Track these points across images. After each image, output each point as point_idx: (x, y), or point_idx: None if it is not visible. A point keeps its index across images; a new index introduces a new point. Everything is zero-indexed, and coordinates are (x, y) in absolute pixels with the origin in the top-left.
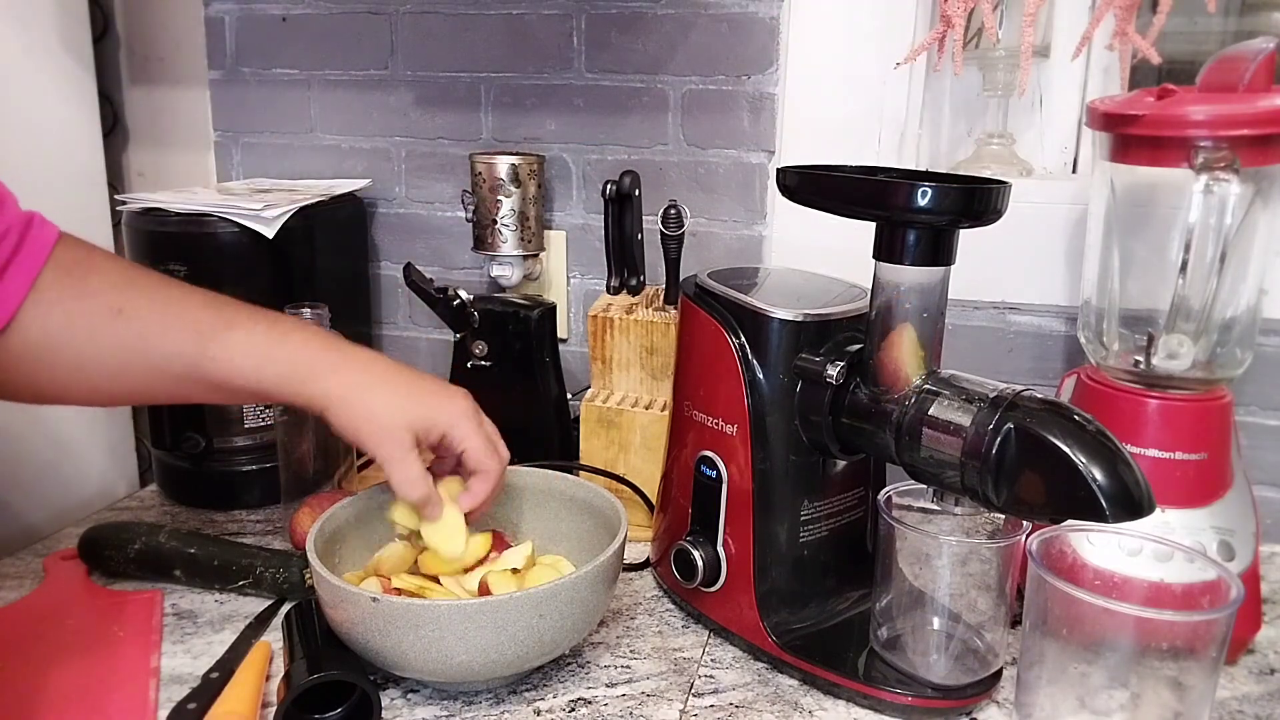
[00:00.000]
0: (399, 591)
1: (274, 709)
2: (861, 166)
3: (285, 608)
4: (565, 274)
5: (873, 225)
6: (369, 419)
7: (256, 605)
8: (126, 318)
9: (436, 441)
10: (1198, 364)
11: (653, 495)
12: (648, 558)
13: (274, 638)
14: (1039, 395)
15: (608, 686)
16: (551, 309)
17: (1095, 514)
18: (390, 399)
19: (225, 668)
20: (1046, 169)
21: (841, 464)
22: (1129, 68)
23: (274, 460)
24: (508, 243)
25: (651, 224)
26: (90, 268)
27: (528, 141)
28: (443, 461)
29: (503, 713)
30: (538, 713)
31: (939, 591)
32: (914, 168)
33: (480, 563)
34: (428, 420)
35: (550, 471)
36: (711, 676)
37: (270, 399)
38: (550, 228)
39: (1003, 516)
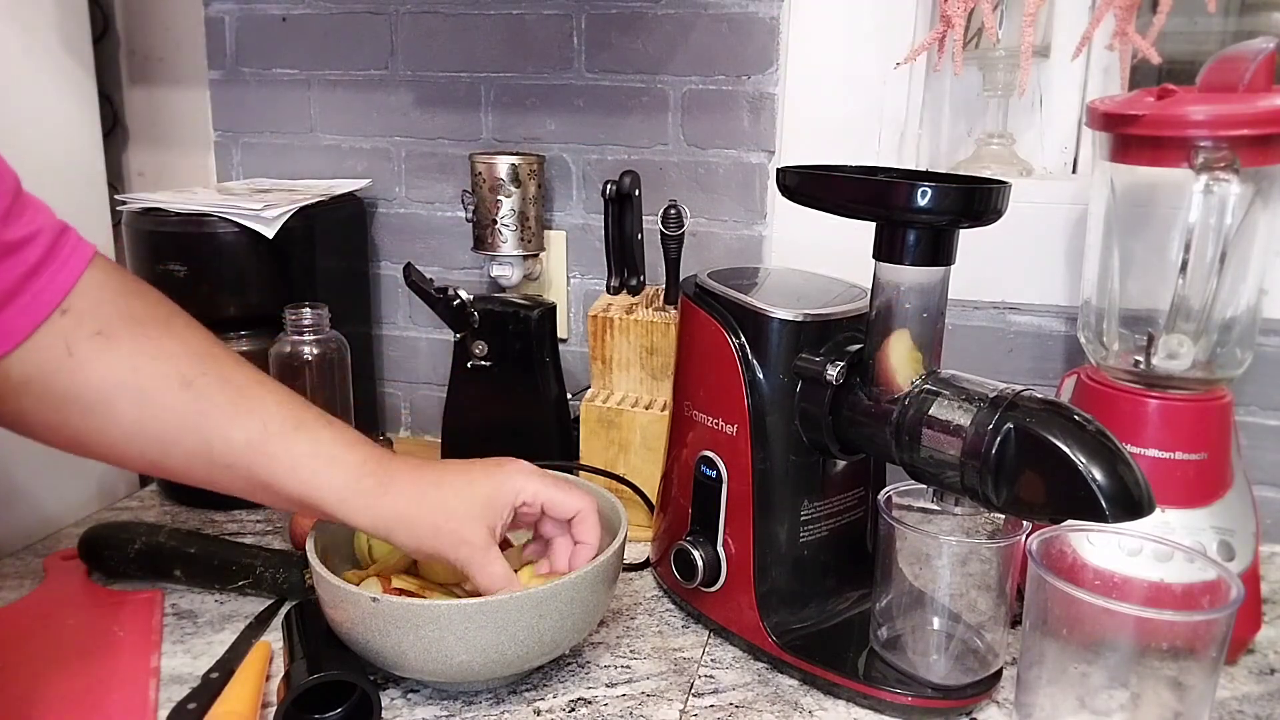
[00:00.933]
0: (399, 591)
1: (274, 709)
2: (861, 166)
3: (285, 608)
4: (565, 274)
5: (873, 225)
6: (440, 526)
7: (256, 605)
8: (195, 392)
9: (513, 514)
10: (1198, 364)
11: (653, 495)
12: (648, 558)
13: (274, 638)
14: (1039, 395)
15: (608, 686)
16: (551, 309)
17: (1095, 514)
18: (455, 500)
19: (225, 668)
20: (1046, 169)
21: (841, 464)
22: (1129, 68)
23: None
24: (508, 243)
25: (651, 224)
26: (168, 330)
27: (528, 141)
28: (534, 532)
29: (503, 713)
30: (538, 713)
31: (939, 591)
32: (914, 168)
33: None
34: (497, 499)
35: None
36: (711, 676)
37: (313, 512)
38: (550, 228)
39: (1003, 516)
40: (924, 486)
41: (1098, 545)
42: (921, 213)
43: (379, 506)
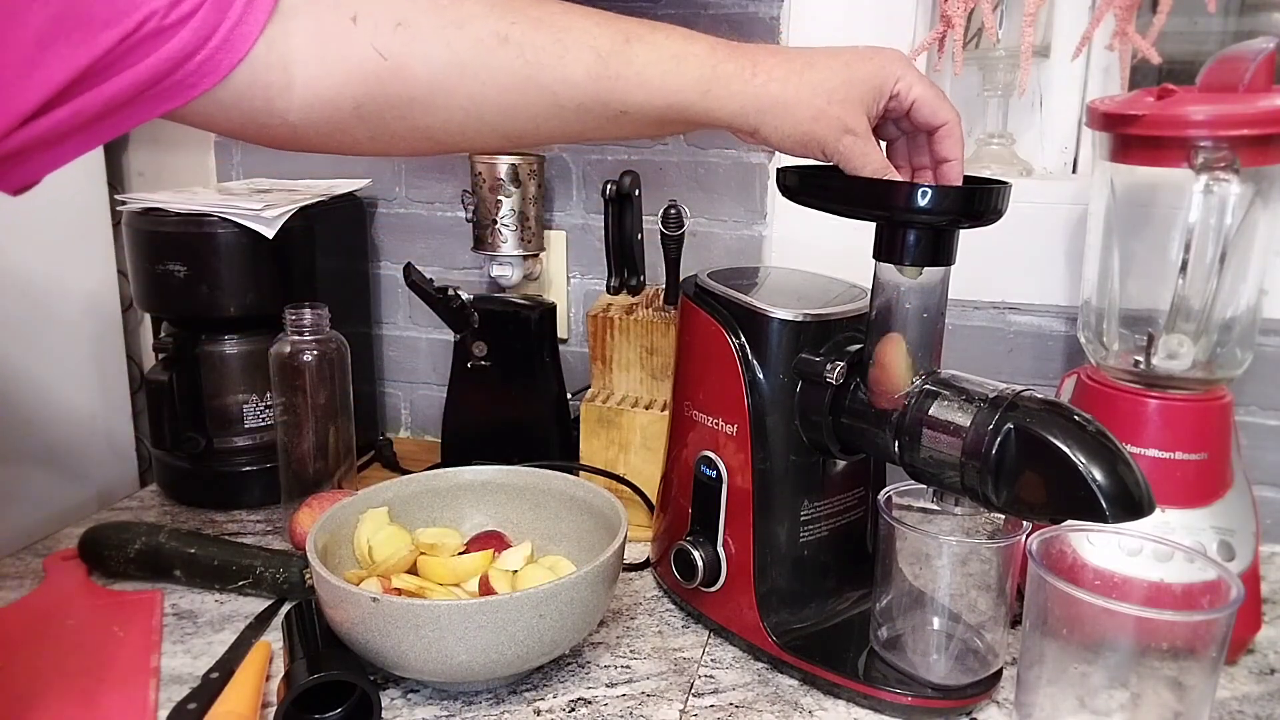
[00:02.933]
0: (399, 591)
1: (274, 709)
2: None
3: (285, 608)
4: (565, 274)
5: (873, 225)
6: (822, 110)
7: (256, 605)
8: (516, 45)
9: (884, 108)
10: (1198, 364)
11: (653, 495)
12: (648, 558)
13: (274, 638)
14: (1039, 395)
15: (608, 686)
16: (551, 309)
17: (1095, 514)
18: (835, 77)
19: (225, 668)
20: (1046, 169)
21: (841, 464)
22: (1129, 68)
23: (274, 460)
24: (508, 243)
25: (651, 224)
26: (462, 3)
27: None
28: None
29: (503, 713)
30: (538, 713)
31: (939, 591)
32: None
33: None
34: (878, 80)
35: (550, 471)
36: (711, 676)
37: (680, 120)
38: (550, 228)
39: (1003, 516)
40: (924, 487)
41: (1098, 545)
42: (922, 213)
43: (749, 90)
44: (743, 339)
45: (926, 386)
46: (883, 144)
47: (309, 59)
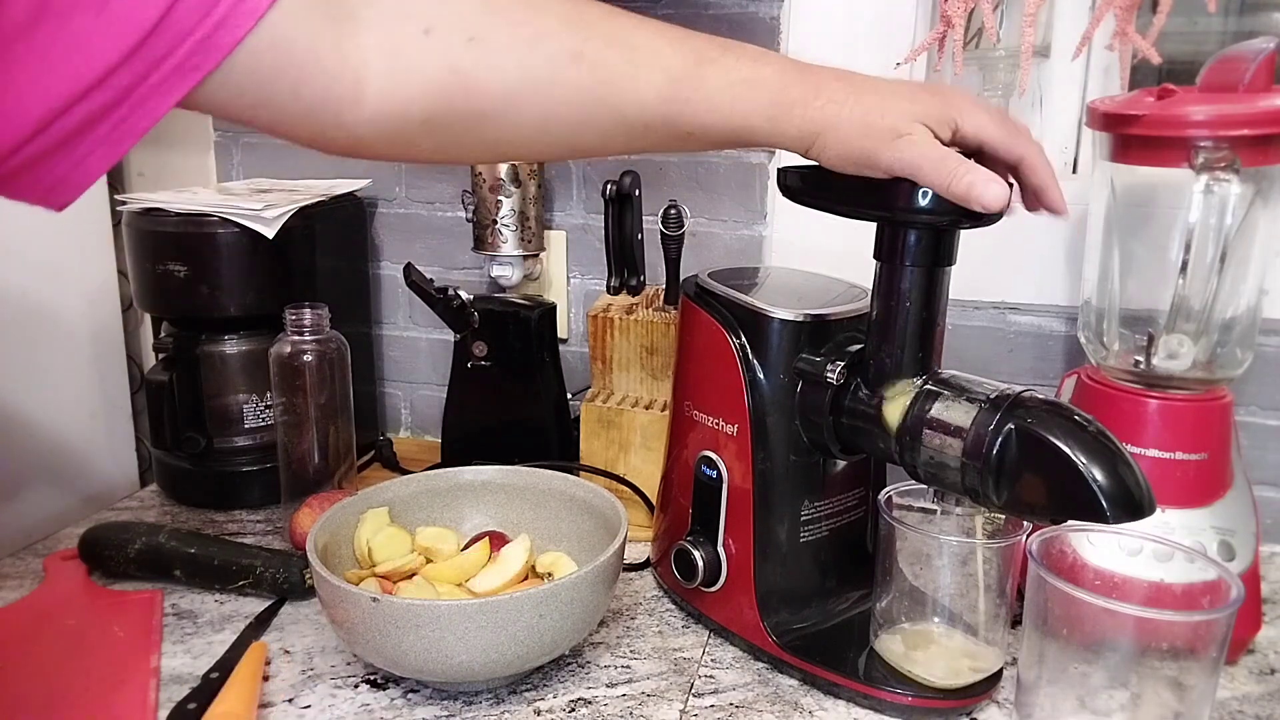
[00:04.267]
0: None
1: (272, 709)
2: None
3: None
4: (565, 274)
5: (873, 225)
6: (873, 124)
7: (256, 605)
8: (588, 64)
9: (949, 140)
10: (1198, 364)
11: (653, 495)
12: (648, 558)
13: (273, 638)
14: (1039, 396)
15: (608, 686)
16: (551, 309)
17: (1096, 515)
18: (891, 100)
19: (225, 668)
20: None
21: (842, 464)
22: (1129, 68)
23: (274, 460)
24: (508, 243)
25: (651, 224)
26: (534, 6)
27: None
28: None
29: (503, 713)
30: (538, 713)
31: (939, 591)
32: None
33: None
34: (939, 111)
35: (550, 471)
36: (712, 676)
37: (744, 142)
38: (550, 228)
39: (1003, 517)
40: (924, 487)
41: (1098, 545)
42: (922, 213)
43: (809, 114)
44: (743, 339)
45: (927, 387)
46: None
47: (381, 72)
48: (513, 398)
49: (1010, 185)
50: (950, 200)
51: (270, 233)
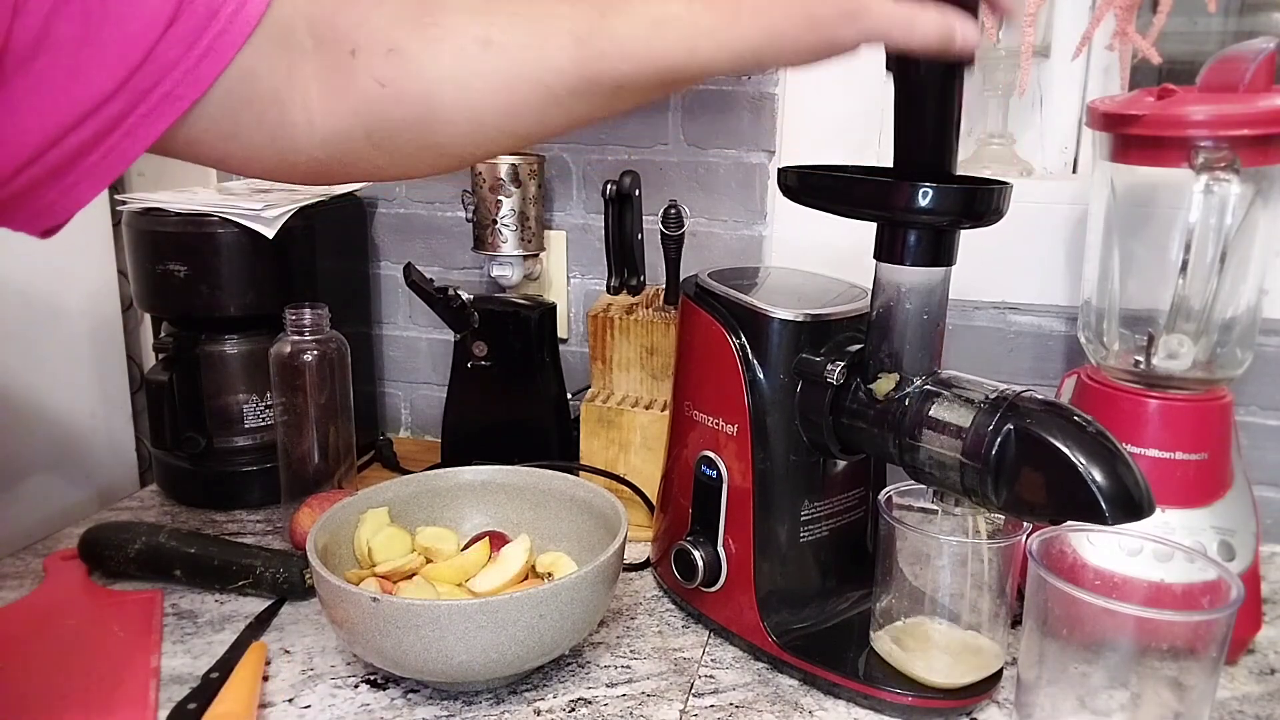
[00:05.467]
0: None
1: (272, 709)
2: (862, 167)
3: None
4: (565, 274)
5: (873, 225)
6: (817, 13)
7: (256, 605)
8: (497, 47)
9: None
10: (1198, 364)
11: (653, 495)
12: (648, 558)
13: (272, 638)
14: (1039, 396)
15: (608, 686)
16: (551, 309)
17: (1095, 515)
18: None
19: (226, 668)
20: (1047, 169)
21: (842, 464)
22: (1129, 68)
23: (274, 460)
24: (508, 243)
25: (652, 224)
26: (441, 5)
27: None
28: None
29: (503, 713)
30: (538, 713)
31: (939, 591)
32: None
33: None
34: None
35: (550, 472)
36: (711, 676)
37: (680, 81)
38: (550, 228)
39: (1003, 517)
40: (924, 487)
41: (1098, 545)
42: (923, 213)
43: (736, 33)
44: (743, 339)
45: (926, 387)
46: None
47: (321, 96)
48: (513, 398)
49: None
50: (928, 54)
51: (270, 233)
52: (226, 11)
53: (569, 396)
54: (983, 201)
